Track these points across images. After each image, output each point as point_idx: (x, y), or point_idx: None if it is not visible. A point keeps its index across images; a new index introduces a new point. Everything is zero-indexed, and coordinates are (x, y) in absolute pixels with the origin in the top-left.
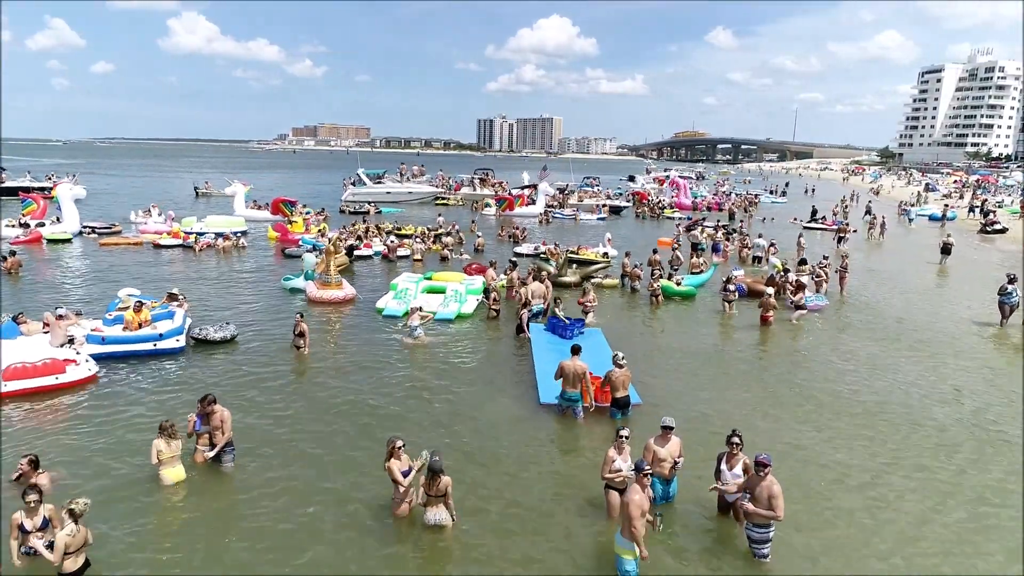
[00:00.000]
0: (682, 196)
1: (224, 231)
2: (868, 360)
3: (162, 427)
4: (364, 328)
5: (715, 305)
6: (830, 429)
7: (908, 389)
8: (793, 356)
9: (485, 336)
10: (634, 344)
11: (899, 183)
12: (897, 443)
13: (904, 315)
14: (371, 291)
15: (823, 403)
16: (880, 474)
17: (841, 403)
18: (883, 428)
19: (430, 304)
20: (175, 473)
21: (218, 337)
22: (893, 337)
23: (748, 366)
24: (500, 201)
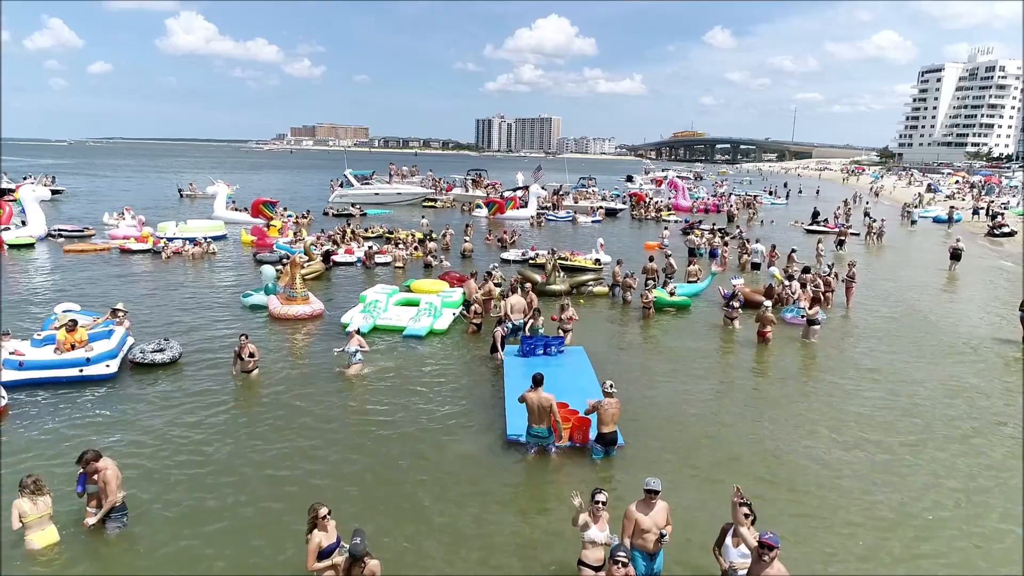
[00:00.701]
0: (680, 198)
1: (196, 236)
2: (883, 386)
3: (23, 484)
4: (322, 351)
5: (711, 318)
6: (846, 470)
7: (933, 423)
8: (799, 381)
9: (458, 357)
10: (620, 365)
11: (900, 184)
12: (932, 501)
13: (918, 333)
14: (343, 304)
15: (835, 440)
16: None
17: (852, 435)
18: (915, 485)
19: (402, 319)
20: (44, 536)
21: (157, 360)
22: (907, 358)
23: (748, 393)
24: (491, 204)
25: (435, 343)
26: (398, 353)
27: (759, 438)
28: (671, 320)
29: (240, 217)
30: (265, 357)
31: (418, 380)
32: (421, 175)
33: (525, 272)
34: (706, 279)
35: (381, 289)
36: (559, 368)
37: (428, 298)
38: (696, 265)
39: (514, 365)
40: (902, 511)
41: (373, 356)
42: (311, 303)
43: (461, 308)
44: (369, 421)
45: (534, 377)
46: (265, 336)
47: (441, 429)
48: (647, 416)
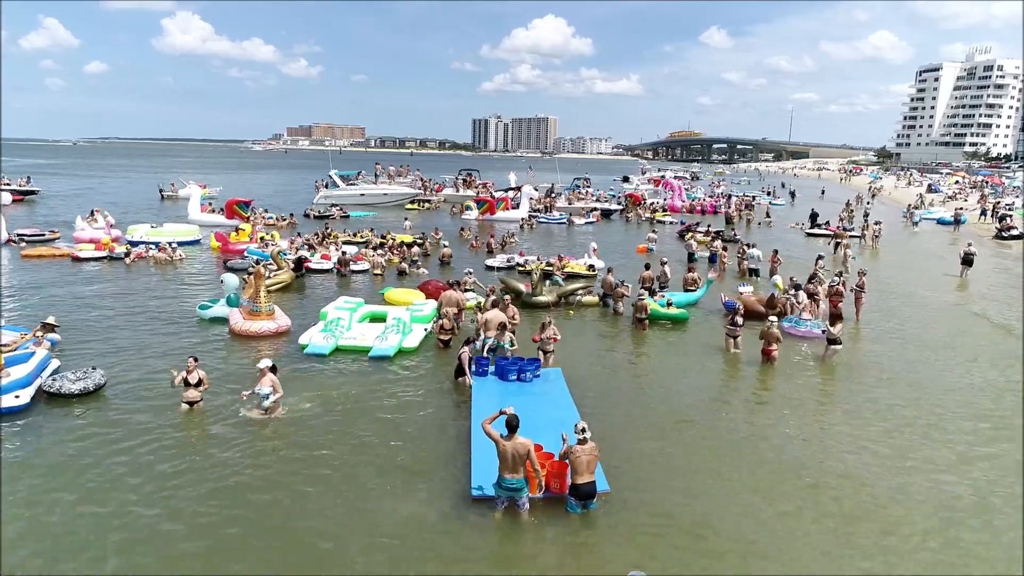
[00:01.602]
0: (676, 198)
1: (163, 240)
2: (908, 421)
3: None
4: (287, 374)
5: (709, 332)
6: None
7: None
8: (813, 414)
9: (425, 381)
10: (606, 391)
11: (900, 184)
12: None
13: (940, 354)
14: (314, 318)
15: (857, 498)
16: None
17: (872, 494)
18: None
19: (368, 338)
20: None
21: (76, 389)
22: (931, 385)
23: (752, 427)
24: (481, 203)
25: (403, 365)
26: (358, 378)
27: (753, 495)
28: (666, 335)
29: (215, 219)
30: (214, 382)
31: (375, 412)
32: (411, 175)
33: (508, 281)
34: (702, 287)
35: (344, 303)
36: (533, 397)
37: (396, 312)
38: (695, 273)
39: (483, 393)
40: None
41: (329, 383)
42: (276, 318)
43: (432, 322)
44: (308, 462)
45: (508, 422)
46: (221, 356)
47: (393, 477)
48: (636, 458)
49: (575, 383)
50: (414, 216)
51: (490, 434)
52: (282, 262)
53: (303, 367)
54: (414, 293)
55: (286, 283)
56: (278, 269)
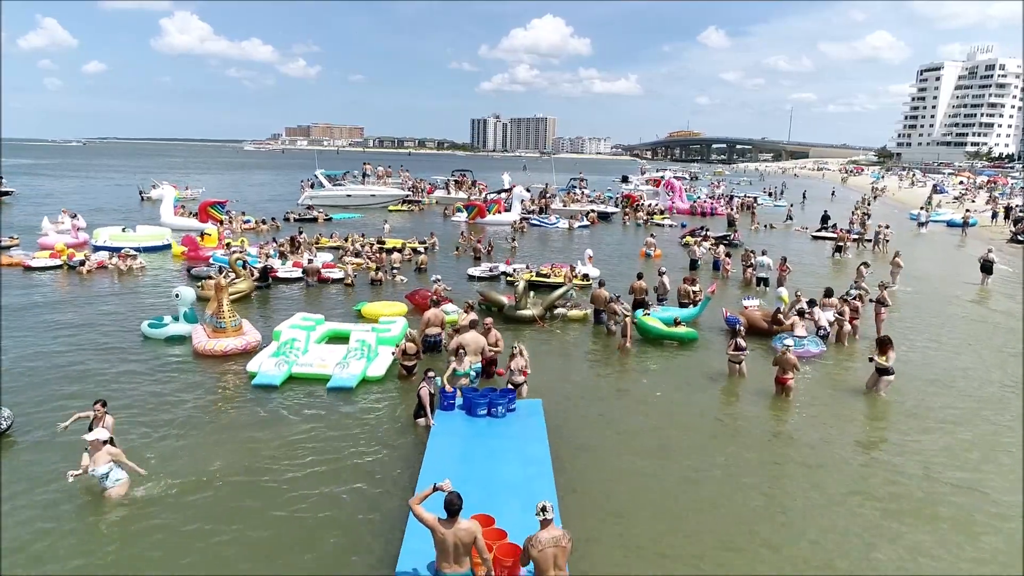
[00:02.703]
0: (678, 199)
1: (126, 247)
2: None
3: None
4: (211, 417)
5: (712, 353)
6: None
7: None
8: (850, 465)
9: (386, 423)
10: (589, 430)
11: (903, 184)
12: None
13: (988, 378)
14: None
15: None
16: None
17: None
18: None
19: (327, 364)
20: None
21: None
22: (975, 418)
23: (768, 498)
24: (471, 207)
25: (367, 397)
26: (309, 418)
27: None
28: (667, 358)
29: (188, 223)
30: (153, 418)
31: (317, 463)
32: (401, 175)
33: (488, 293)
34: (700, 303)
35: (302, 321)
36: (502, 440)
37: (359, 333)
38: (696, 285)
39: (443, 436)
40: None
41: (271, 424)
42: (244, 334)
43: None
44: (213, 537)
45: (448, 503)
46: (176, 384)
47: (316, 556)
48: (624, 532)
49: (556, 418)
50: (397, 219)
51: (422, 518)
52: (240, 270)
53: (248, 401)
54: (395, 306)
55: (244, 293)
56: (236, 278)
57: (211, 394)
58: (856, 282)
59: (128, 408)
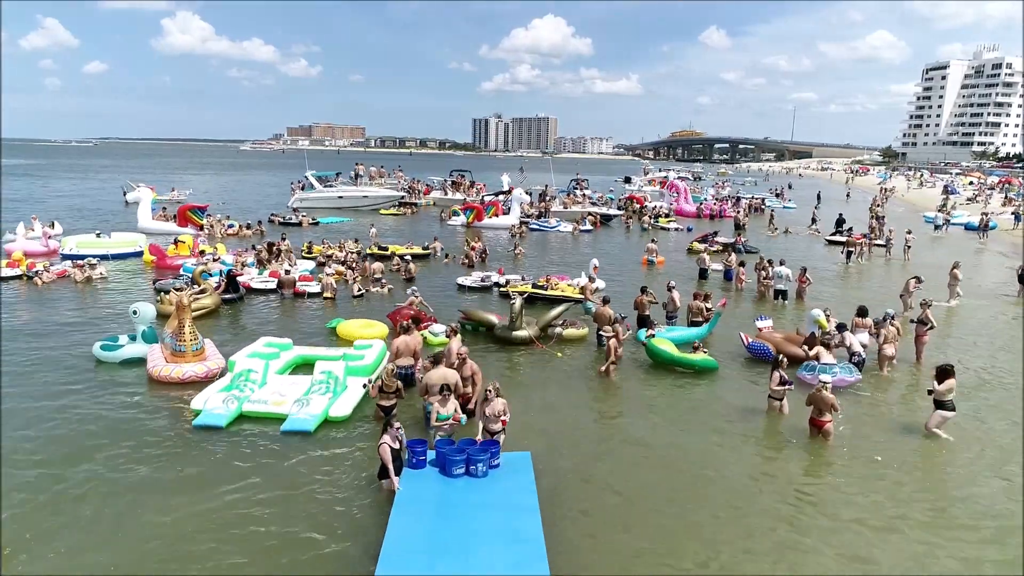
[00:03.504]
0: (683, 201)
1: (91, 255)
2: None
3: None
4: (129, 473)
5: (730, 383)
6: None
7: None
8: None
9: (348, 477)
10: (589, 498)
11: (912, 184)
12: None
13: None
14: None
15: None
16: None
17: None
18: None
19: (285, 400)
20: None
21: None
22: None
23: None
24: (468, 210)
25: (326, 443)
26: (254, 470)
27: None
28: (676, 391)
29: (168, 228)
30: (59, 472)
31: (251, 540)
32: (403, 175)
33: (472, 312)
34: (710, 320)
35: (265, 347)
36: (485, 511)
37: (326, 364)
38: (710, 301)
39: (410, 505)
40: None
41: (215, 475)
42: (208, 358)
43: (371, 379)
44: None
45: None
46: (105, 422)
47: None
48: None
49: (550, 475)
50: (388, 223)
51: None
52: (205, 282)
53: (185, 446)
54: (374, 326)
55: (209, 309)
56: (201, 291)
57: (146, 436)
58: (904, 296)
59: (33, 456)
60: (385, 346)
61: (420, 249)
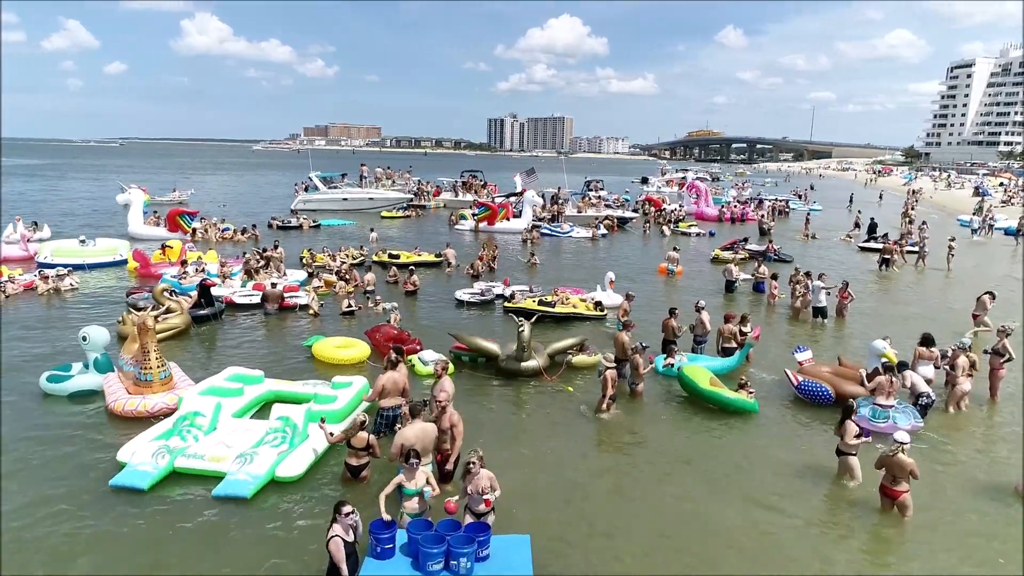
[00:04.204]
0: (703, 203)
1: (63, 263)
2: None
3: None
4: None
5: (762, 427)
6: None
7: None
8: None
9: (287, 571)
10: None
11: (939, 185)
12: None
13: None
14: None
15: None
16: None
17: None
18: None
19: (228, 454)
20: None
21: None
22: None
23: None
24: (479, 208)
25: (266, 516)
26: (161, 555)
27: None
28: (708, 437)
29: (159, 233)
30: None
31: None
32: (410, 176)
33: (467, 338)
34: (740, 351)
35: (225, 382)
36: None
37: (285, 409)
38: (746, 325)
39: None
40: None
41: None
42: (175, 386)
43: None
44: None
45: None
46: (71, 465)
47: None
48: None
49: (559, 561)
50: (390, 227)
51: None
52: (168, 300)
53: (96, 511)
54: (354, 345)
55: (179, 329)
56: (167, 312)
57: (53, 497)
58: (978, 316)
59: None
60: (368, 384)
61: (432, 257)
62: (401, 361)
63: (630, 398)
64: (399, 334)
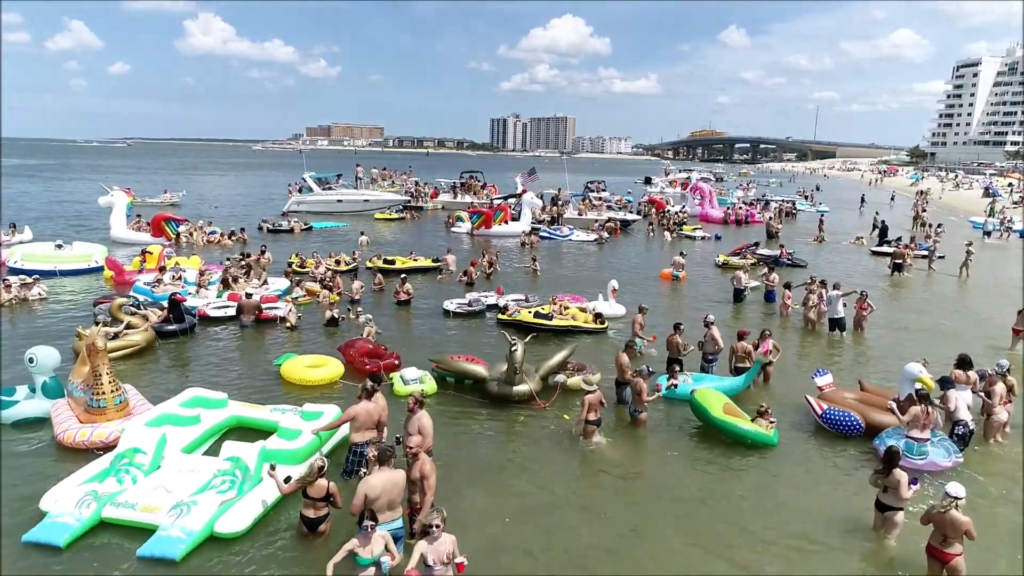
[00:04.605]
0: (708, 205)
1: (35, 270)
2: None
3: None
4: None
5: (777, 460)
6: None
7: None
8: None
9: None
10: None
11: (947, 186)
12: None
13: None
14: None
15: None
16: None
17: None
18: None
19: (169, 499)
20: None
21: None
22: None
23: None
24: (475, 215)
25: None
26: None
27: None
28: (724, 483)
29: (141, 238)
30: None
31: None
32: (407, 177)
33: (449, 362)
34: (751, 368)
35: (179, 407)
36: None
37: (236, 447)
38: (768, 342)
39: None
40: None
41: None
42: (132, 413)
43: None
44: None
45: None
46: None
47: None
48: None
49: None
50: (383, 230)
51: None
52: (127, 316)
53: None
54: (326, 363)
55: (139, 347)
56: (127, 329)
57: None
58: (1019, 332)
59: None
60: (341, 413)
61: (428, 262)
62: (377, 391)
63: (631, 425)
64: (375, 349)
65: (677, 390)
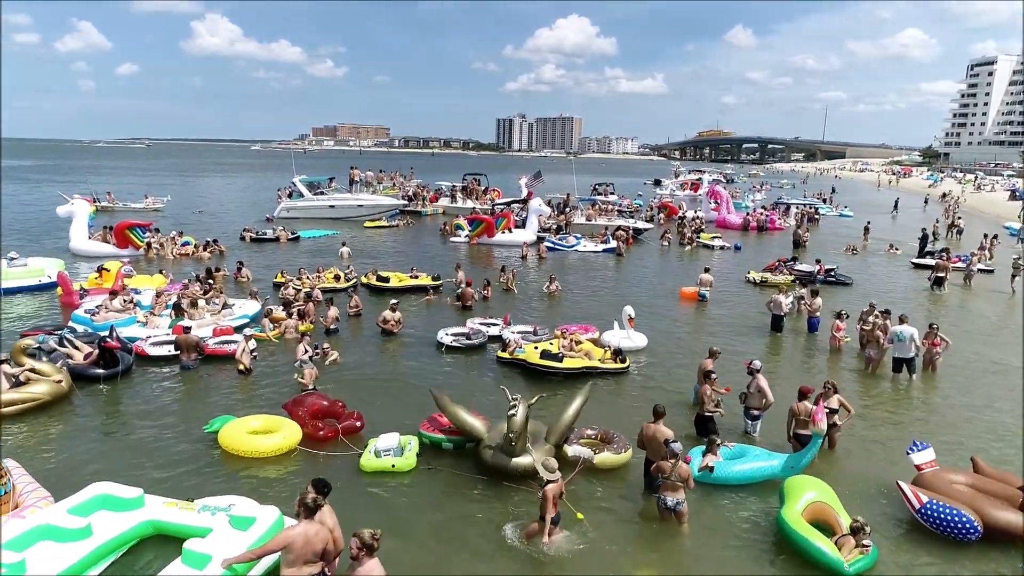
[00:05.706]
0: (725, 210)
1: None
2: None
3: None
4: None
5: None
6: None
7: None
8: None
9: None
10: None
11: (966, 187)
12: None
13: None
14: None
15: None
16: None
17: None
18: None
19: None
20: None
21: None
22: None
23: None
24: (475, 222)
25: None
26: None
27: None
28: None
29: (105, 250)
30: None
31: None
32: (404, 179)
33: (452, 409)
34: (811, 443)
35: (67, 514)
36: None
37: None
38: (832, 397)
39: None
40: None
41: None
42: (21, 504)
43: None
44: None
45: None
46: None
47: None
48: None
49: None
50: (370, 239)
51: None
52: (30, 361)
53: None
54: (279, 428)
55: (42, 401)
56: (33, 374)
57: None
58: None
59: None
60: (281, 520)
61: (430, 280)
62: (322, 505)
63: (659, 520)
64: (330, 406)
65: (713, 474)
